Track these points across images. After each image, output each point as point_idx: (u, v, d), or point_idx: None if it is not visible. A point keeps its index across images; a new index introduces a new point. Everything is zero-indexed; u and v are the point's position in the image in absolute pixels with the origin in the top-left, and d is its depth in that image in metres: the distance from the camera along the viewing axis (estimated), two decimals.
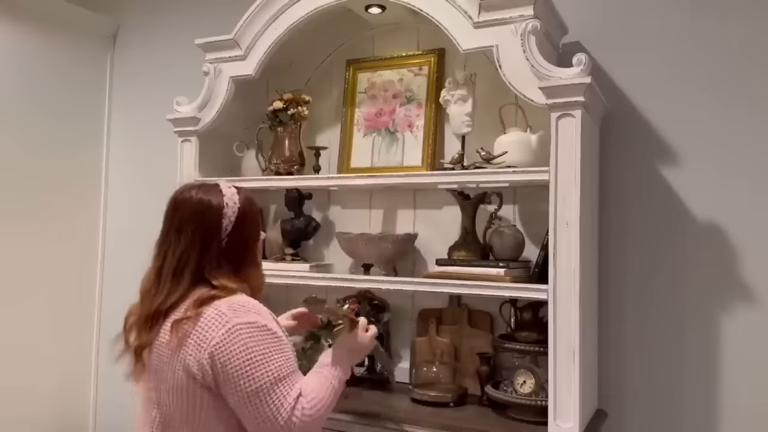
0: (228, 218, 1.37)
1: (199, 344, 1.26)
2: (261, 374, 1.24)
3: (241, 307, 1.29)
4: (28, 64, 2.78)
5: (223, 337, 1.24)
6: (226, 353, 1.24)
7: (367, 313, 2.19)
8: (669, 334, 2.00)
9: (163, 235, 1.39)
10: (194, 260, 1.34)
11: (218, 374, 1.25)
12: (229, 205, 1.38)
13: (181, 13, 2.94)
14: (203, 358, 1.25)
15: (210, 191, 1.40)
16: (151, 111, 2.84)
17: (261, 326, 1.28)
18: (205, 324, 1.26)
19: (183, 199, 1.39)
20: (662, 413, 1.99)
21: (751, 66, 1.93)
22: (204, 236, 1.35)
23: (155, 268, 1.37)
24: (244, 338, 1.25)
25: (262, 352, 1.26)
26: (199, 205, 1.37)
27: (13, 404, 2.66)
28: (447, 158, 2.13)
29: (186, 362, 1.26)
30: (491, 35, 1.86)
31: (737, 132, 1.94)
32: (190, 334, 1.27)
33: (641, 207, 2.05)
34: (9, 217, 2.69)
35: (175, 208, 1.40)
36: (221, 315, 1.27)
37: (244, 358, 1.24)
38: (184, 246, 1.34)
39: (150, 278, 1.38)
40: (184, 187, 1.44)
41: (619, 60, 2.09)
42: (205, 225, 1.36)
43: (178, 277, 1.33)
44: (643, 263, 2.04)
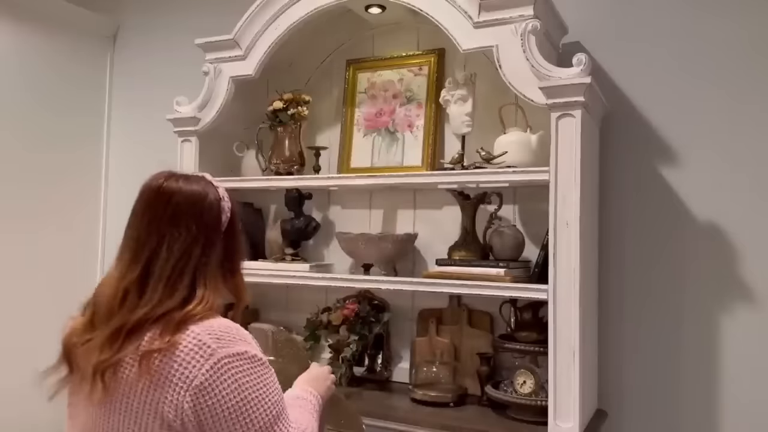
0: (225, 213, 1.18)
1: (177, 383, 1.02)
2: (259, 415, 1.05)
3: (224, 334, 1.06)
4: (29, 64, 2.78)
5: (208, 374, 1.02)
6: (215, 394, 1.02)
7: (367, 313, 2.19)
8: (669, 334, 2.00)
9: (145, 230, 1.12)
10: (195, 261, 1.10)
11: (203, 419, 1.02)
12: (225, 197, 1.19)
13: (181, 13, 2.94)
14: (184, 401, 1.01)
15: (200, 181, 1.18)
16: (151, 111, 2.84)
17: (251, 357, 1.07)
18: (183, 359, 1.02)
19: (170, 188, 1.14)
20: (662, 413, 1.99)
21: (752, 66, 1.93)
22: (207, 232, 1.13)
23: (140, 270, 1.10)
24: (235, 374, 1.04)
25: (257, 389, 1.06)
26: (194, 195, 1.14)
27: (12, 404, 2.66)
28: (447, 158, 2.13)
29: (160, 406, 1.02)
30: (491, 35, 1.86)
31: (737, 132, 1.94)
32: (164, 371, 1.02)
33: (641, 207, 2.05)
34: (9, 214, 2.69)
35: (161, 197, 1.13)
36: (202, 346, 1.03)
37: (238, 398, 1.03)
38: (186, 243, 1.10)
39: (125, 285, 1.10)
40: (159, 174, 1.17)
41: (619, 60, 2.09)
42: (206, 219, 1.14)
43: (175, 281, 1.09)
44: (643, 263, 2.04)
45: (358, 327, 2.15)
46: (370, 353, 2.25)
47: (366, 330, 2.16)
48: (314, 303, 2.32)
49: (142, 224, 1.13)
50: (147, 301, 1.08)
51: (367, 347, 2.21)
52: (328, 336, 2.22)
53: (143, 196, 1.16)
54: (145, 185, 1.16)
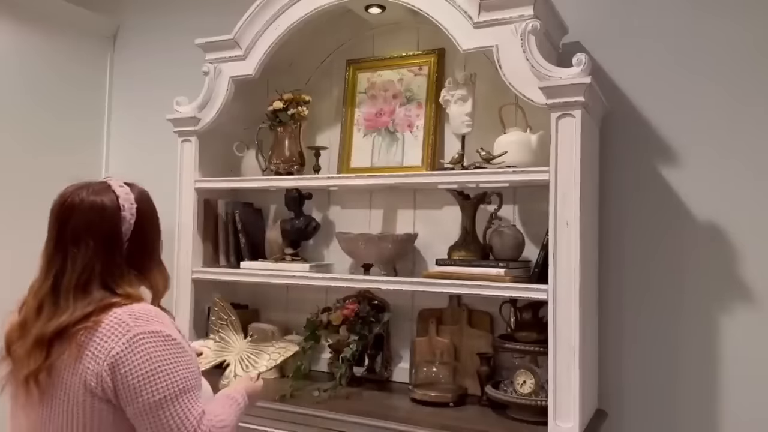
0: (127, 222, 1.27)
1: (98, 355, 1.15)
2: (165, 385, 1.16)
3: (142, 315, 1.20)
4: (29, 64, 2.78)
5: (124, 347, 1.15)
6: (128, 363, 1.15)
7: (367, 313, 2.19)
8: (669, 334, 2.00)
9: (53, 246, 1.25)
10: (98, 273, 1.22)
11: (118, 385, 1.15)
12: (125, 207, 1.27)
13: (181, 13, 2.94)
14: (102, 370, 1.15)
15: (101, 192, 1.27)
16: (151, 111, 2.84)
17: (165, 336, 1.19)
18: (104, 333, 1.17)
19: (72, 203, 1.25)
20: (662, 413, 1.99)
21: (753, 66, 1.93)
22: (105, 246, 1.24)
23: (51, 284, 1.22)
24: (148, 348, 1.16)
25: (167, 362, 1.17)
26: (92, 211, 1.24)
27: None
28: (447, 158, 2.13)
29: (84, 375, 1.16)
30: (491, 35, 1.86)
31: (737, 131, 1.94)
32: (88, 344, 1.16)
33: (641, 207, 2.05)
34: (9, 214, 2.69)
35: (64, 214, 1.25)
36: (121, 324, 1.17)
37: (147, 368, 1.15)
38: (85, 260, 1.22)
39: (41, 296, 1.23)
40: (69, 189, 1.29)
41: (619, 60, 2.09)
42: (103, 233, 1.24)
43: (83, 291, 1.21)
44: (643, 262, 2.04)
45: (358, 327, 2.15)
46: (370, 353, 2.25)
47: (366, 330, 2.16)
48: (314, 303, 2.32)
49: (50, 243, 1.26)
50: (63, 310, 1.20)
51: (367, 347, 2.21)
52: (328, 336, 2.22)
53: (51, 214, 1.28)
54: (53, 203, 1.28)
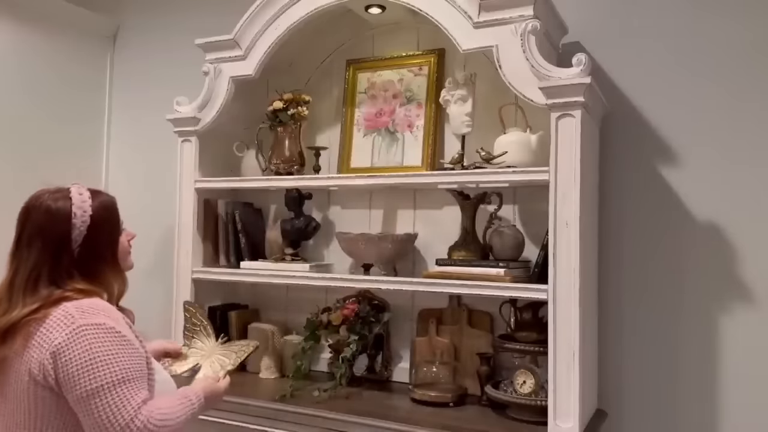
0: (78, 228, 1.32)
1: (42, 344, 1.22)
2: (103, 374, 1.20)
3: (89, 308, 1.25)
4: (28, 64, 2.78)
5: (66, 337, 1.21)
6: (68, 353, 1.20)
7: (367, 313, 2.19)
8: (669, 334, 2.00)
9: (14, 247, 1.34)
10: (45, 273, 1.29)
11: (59, 374, 1.20)
12: (77, 214, 1.32)
13: (181, 13, 2.94)
14: (45, 359, 1.20)
15: (58, 198, 1.34)
16: (151, 111, 2.84)
17: (108, 328, 1.24)
18: (50, 324, 1.23)
19: (32, 207, 1.34)
20: (662, 413, 1.99)
21: (752, 65, 1.93)
22: (53, 249, 1.30)
23: (8, 281, 1.32)
24: (89, 338, 1.21)
25: (107, 353, 1.21)
26: (46, 216, 1.31)
27: None
28: (447, 158, 2.13)
29: (29, 364, 1.22)
30: (491, 35, 1.86)
31: (737, 131, 1.94)
32: (35, 334, 1.23)
33: (641, 207, 2.05)
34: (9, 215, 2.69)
35: (25, 216, 1.34)
36: (67, 316, 1.23)
37: (86, 357, 1.20)
38: (34, 260, 1.29)
39: (2, 290, 1.32)
40: (36, 193, 1.37)
41: (619, 60, 2.09)
42: (52, 237, 1.30)
43: (31, 289, 1.28)
44: (643, 263, 2.04)
45: (358, 327, 2.15)
46: (370, 353, 2.25)
47: (366, 330, 2.16)
48: (314, 303, 2.32)
49: (13, 243, 1.34)
50: (12, 306, 1.28)
51: (367, 347, 2.21)
52: (328, 336, 2.21)
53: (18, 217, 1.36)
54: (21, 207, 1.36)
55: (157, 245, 2.86)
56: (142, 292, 2.86)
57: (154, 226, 2.86)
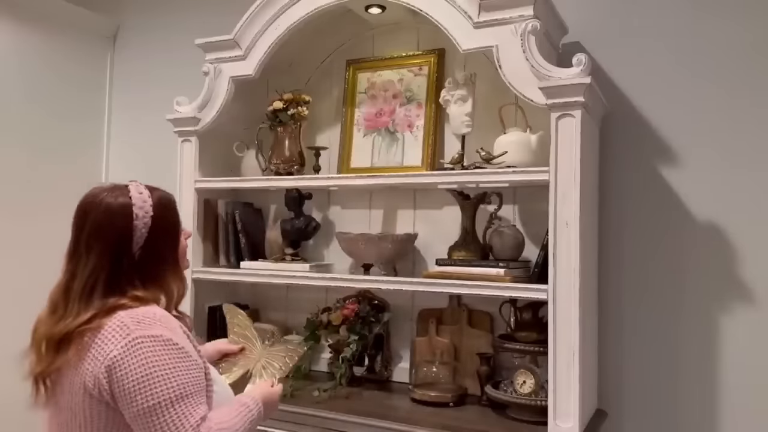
0: (139, 230, 1.25)
1: (96, 357, 1.15)
2: (160, 390, 1.13)
3: (145, 318, 1.18)
4: (28, 64, 2.78)
5: (122, 350, 1.14)
6: (124, 367, 1.13)
7: (367, 313, 2.19)
8: (669, 334, 2.00)
9: (71, 248, 1.27)
10: (103, 280, 1.22)
11: (115, 389, 1.14)
12: (139, 215, 1.25)
13: (181, 13, 2.94)
14: (100, 372, 1.14)
15: (117, 198, 1.26)
16: (151, 111, 2.84)
17: (165, 340, 1.17)
18: (106, 336, 1.16)
19: (90, 206, 1.26)
20: (662, 413, 1.99)
21: (752, 66, 1.93)
22: (113, 253, 1.23)
23: (63, 285, 1.25)
24: (146, 352, 1.14)
25: (165, 367, 1.14)
26: (105, 215, 1.24)
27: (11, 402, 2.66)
28: (447, 158, 2.13)
29: (84, 377, 1.16)
30: (491, 35, 1.86)
31: (737, 131, 1.94)
32: (90, 346, 1.16)
33: (641, 207, 2.05)
34: (9, 216, 2.69)
35: (82, 218, 1.26)
36: (123, 327, 1.16)
37: (143, 373, 1.13)
38: (93, 265, 1.22)
39: (57, 294, 1.26)
40: (91, 191, 1.30)
41: (619, 60, 2.09)
42: (112, 240, 1.23)
43: (87, 297, 1.21)
44: (643, 263, 2.04)
45: (358, 327, 2.15)
46: (370, 353, 2.25)
47: (366, 330, 2.16)
48: (314, 303, 2.32)
49: (70, 244, 1.28)
50: (68, 313, 1.21)
51: (367, 347, 2.21)
52: (328, 336, 2.22)
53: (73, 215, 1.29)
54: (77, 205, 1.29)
55: None
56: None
57: None
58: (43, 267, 2.78)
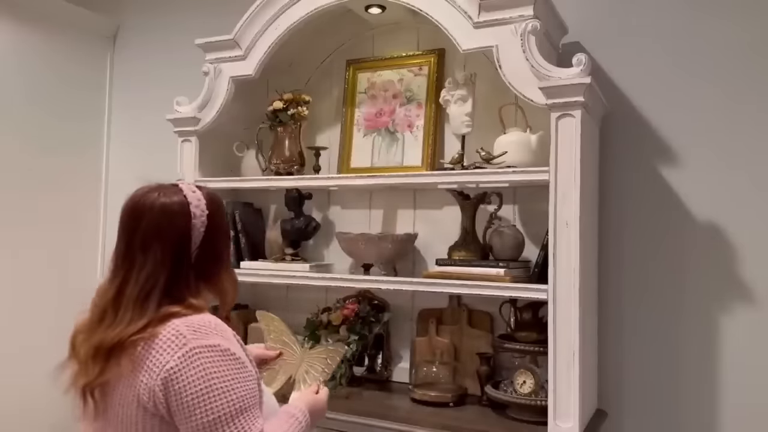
0: (197, 229, 1.21)
1: (151, 369, 1.09)
2: (221, 404, 1.08)
3: (201, 327, 1.13)
4: (28, 64, 2.78)
5: (179, 361, 1.09)
6: (182, 379, 1.08)
7: (367, 313, 2.19)
8: (669, 334, 2.00)
9: (122, 251, 1.20)
10: (162, 283, 1.16)
11: (171, 402, 1.09)
12: (196, 214, 1.21)
13: (181, 13, 2.94)
14: (155, 385, 1.09)
15: (173, 197, 1.21)
16: (151, 111, 2.84)
17: (224, 350, 1.12)
18: (161, 346, 1.10)
19: (143, 207, 1.20)
20: (662, 413, 1.99)
21: (752, 66, 1.93)
22: (173, 254, 1.18)
23: (114, 290, 1.18)
24: (204, 363, 1.09)
25: (223, 380, 1.10)
26: (163, 215, 1.18)
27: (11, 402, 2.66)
28: (447, 158, 2.13)
29: (138, 389, 1.10)
30: (491, 35, 1.86)
31: (737, 132, 1.94)
32: (145, 357, 1.11)
33: (641, 207, 2.05)
34: (9, 217, 2.69)
35: (135, 219, 1.20)
36: (179, 336, 1.11)
37: (202, 386, 1.08)
38: (151, 268, 1.16)
39: (105, 301, 1.18)
40: (139, 191, 1.24)
41: (619, 60, 2.09)
42: (172, 240, 1.18)
43: (142, 303, 1.15)
44: (643, 263, 2.04)
45: (358, 327, 2.15)
46: (370, 353, 2.25)
47: (366, 330, 2.16)
48: (314, 303, 2.32)
49: (120, 247, 1.21)
50: (120, 320, 1.14)
51: (367, 347, 2.21)
52: (328, 336, 2.21)
53: (122, 217, 1.23)
54: (124, 204, 1.23)
55: None
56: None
57: None
58: (44, 266, 2.80)
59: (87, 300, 1.24)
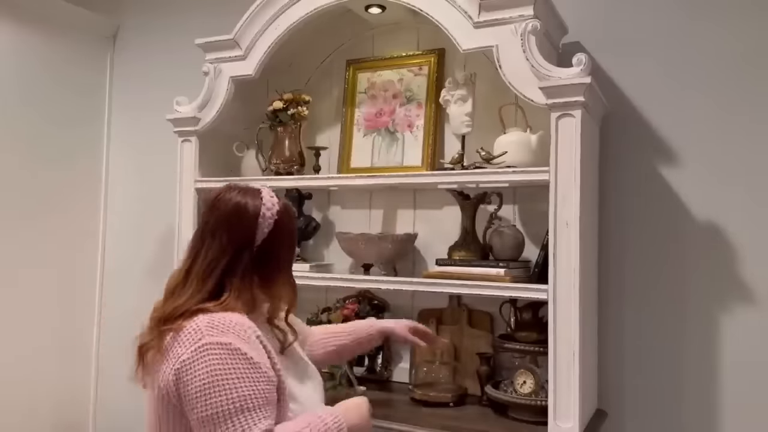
0: (261, 230, 1.30)
1: (170, 359, 1.17)
2: (219, 401, 1.11)
3: (219, 324, 1.18)
4: (28, 64, 2.78)
5: (190, 355, 1.15)
6: (190, 372, 1.14)
7: (367, 313, 2.19)
8: (669, 334, 2.00)
9: (197, 235, 1.33)
10: (222, 267, 1.26)
11: (181, 393, 1.15)
12: (266, 216, 1.30)
13: (181, 14, 2.94)
14: (170, 375, 1.16)
15: (249, 196, 1.33)
16: (151, 111, 2.84)
17: (234, 349, 1.15)
18: (181, 339, 1.18)
19: (221, 199, 1.33)
20: (662, 413, 1.99)
21: (751, 66, 1.93)
22: (236, 244, 1.28)
23: (185, 267, 1.30)
24: (212, 359, 1.14)
25: (227, 377, 1.13)
26: (235, 209, 1.30)
27: (11, 404, 2.66)
28: (447, 158, 2.13)
29: (157, 376, 1.19)
30: (491, 35, 1.86)
31: (736, 131, 1.94)
32: (170, 348, 1.19)
33: (641, 207, 2.05)
34: (9, 216, 2.69)
35: (211, 208, 1.33)
36: (197, 331, 1.17)
37: (206, 380, 1.12)
38: (216, 251, 1.27)
39: (177, 277, 1.30)
40: (225, 187, 1.38)
41: (619, 60, 2.09)
42: (238, 232, 1.28)
43: (204, 281, 1.26)
44: (643, 263, 2.04)
45: None
46: (370, 353, 2.25)
47: None
48: (314, 303, 2.32)
49: (197, 230, 1.35)
50: (183, 293, 1.26)
51: None
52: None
53: (204, 204, 1.37)
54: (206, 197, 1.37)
55: (157, 245, 2.86)
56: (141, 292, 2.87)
57: (154, 226, 2.87)
58: (43, 265, 2.80)
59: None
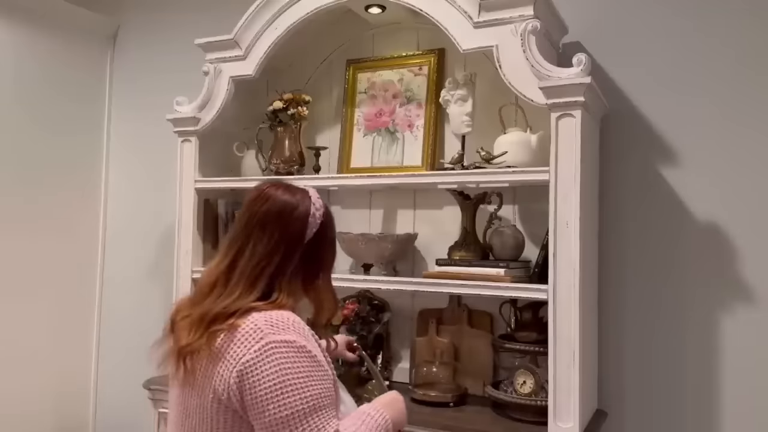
0: (311, 228, 1.25)
1: (229, 361, 1.11)
2: (294, 400, 1.08)
3: (279, 322, 1.14)
4: (28, 64, 2.78)
5: (254, 355, 1.10)
6: (257, 373, 1.09)
7: (367, 313, 2.19)
8: (669, 333, 2.00)
9: (239, 230, 1.25)
10: (274, 265, 1.20)
11: (245, 396, 1.09)
12: (316, 215, 1.26)
13: (181, 13, 2.94)
14: (231, 377, 1.10)
15: (298, 194, 1.27)
16: (151, 111, 2.84)
17: (299, 347, 1.12)
18: (239, 339, 1.12)
19: (270, 195, 1.25)
20: (662, 413, 1.99)
21: (751, 66, 1.93)
22: (289, 242, 1.22)
23: (228, 262, 1.22)
24: (279, 358, 1.10)
25: (298, 376, 1.10)
26: (287, 206, 1.24)
27: (12, 404, 2.66)
28: (447, 158, 2.14)
29: (212, 379, 1.13)
30: (491, 35, 1.86)
31: (737, 131, 1.94)
32: (225, 349, 1.12)
33: (641, 207, 2.05)
34: (9, 215, 2.69)
35: (257, 204, 1.25)
36: (256, 330, 1.12)
37: (277, 380, 1.08)
38: (268, 247, 1.20)
39: (216, 273, 1.22)
40: (269, 181, 1.31)
41: (619, 60, 2.09)
42: (291, 230, 1.23)
43: (255, 280, 1.19)
44: (643, 263, 2.04)
45: (358, 327, 2.16)
46: (370, 353, 2.25)
47: (366, 330, 2.16)
48: None
49: (240, 223, 1.26)
50: (229, 293, 1.18)
51: (367, 347, 2.20)
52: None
53: (247, 197, 1.29)
54: (249, 192, 1.29)
55: (157, 245, 2.86)
56: (142, 292, 2.87)
57: (154, 226, 2.87)
58: (44, 266, 2.80)
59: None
